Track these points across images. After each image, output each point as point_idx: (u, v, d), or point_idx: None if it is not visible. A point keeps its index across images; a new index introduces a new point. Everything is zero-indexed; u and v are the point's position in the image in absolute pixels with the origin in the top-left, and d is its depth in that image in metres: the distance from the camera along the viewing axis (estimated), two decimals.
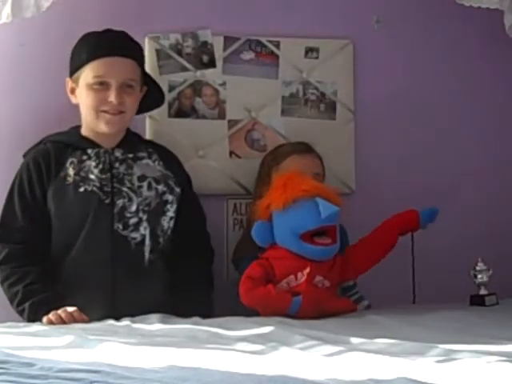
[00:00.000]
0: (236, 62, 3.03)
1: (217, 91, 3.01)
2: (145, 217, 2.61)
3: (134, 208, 2.60)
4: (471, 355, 1.72)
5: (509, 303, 2.67)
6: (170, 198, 2.67)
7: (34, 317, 2.44)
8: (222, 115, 3.01)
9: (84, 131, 2.68)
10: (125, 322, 2.34)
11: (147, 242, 2.60)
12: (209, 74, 3.00)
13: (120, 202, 2.59)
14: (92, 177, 2.59)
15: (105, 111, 2.61)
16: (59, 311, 2.39)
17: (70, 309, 2.39)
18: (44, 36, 2.87)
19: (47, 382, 1.49)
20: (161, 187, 2.66)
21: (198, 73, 3.00)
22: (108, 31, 2.65)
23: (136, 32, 2.75)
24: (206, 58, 3.00)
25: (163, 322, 2.33)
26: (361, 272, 2.71)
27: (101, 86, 2.60)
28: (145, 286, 2.57)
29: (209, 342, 1.97)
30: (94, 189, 2.58)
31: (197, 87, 2.99)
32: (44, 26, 2.83)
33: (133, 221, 2.60)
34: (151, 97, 2.74)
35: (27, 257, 2.55)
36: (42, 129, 2.79)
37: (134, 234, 2.59)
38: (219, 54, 3.01)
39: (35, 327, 2.27)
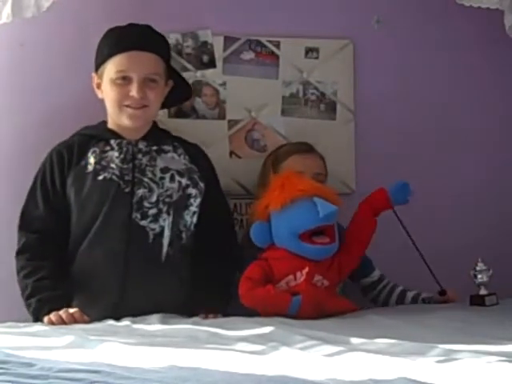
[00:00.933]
0: (236, 62, 3.03)
1: (217, 91, 3.01)
2: (165, 208, 2.58)
3: (154, 199, 2.57)
4: (471, 355, 1.72)
5: (509, 303, 2.67)
6: (193, 192, 2.64)
7: (37, 313, 2.44)
8: (221, 115, 3.01)
9: (110, 125, 2.67)
10: (125, 322, 2.34)
11: (166, 233, 2.56)
12: (209, 74, 3.01)
13: (140, 192, 2.56)
14: (113, 165, 2.58)
15: (127, 105, 2.60)
16: (60, 312, 2.38)
17: (72, 310, 2.39)
18: (44, 36, 2.87)
19: (47, 382, 1.50)
20: (184, 180, 2.63)
21: (198, 73, 3.00)
22: (131, 25, 2.64)
23: None
24: (206, 58, 3.01)
25: (163, 322, 2.33)
26: (354, 265, 2.67)
27: (123, 80, 2.59)
28: (159, 281, 2.53)
29: (209, 342, 1.97)
30: (114, 177, 2.56)
31: (197, 87, 2.99)
32: (44, 26, 2.83)
33: (152, 211, 2.56)
34: (178, 91, 2.73)
35: (43, 248, 2.55)
36: (42, 129, 2.79)
37: (152, 225, 2.55)
38: (219, 54, 3.01)
39: (35, 327, 2.27)
